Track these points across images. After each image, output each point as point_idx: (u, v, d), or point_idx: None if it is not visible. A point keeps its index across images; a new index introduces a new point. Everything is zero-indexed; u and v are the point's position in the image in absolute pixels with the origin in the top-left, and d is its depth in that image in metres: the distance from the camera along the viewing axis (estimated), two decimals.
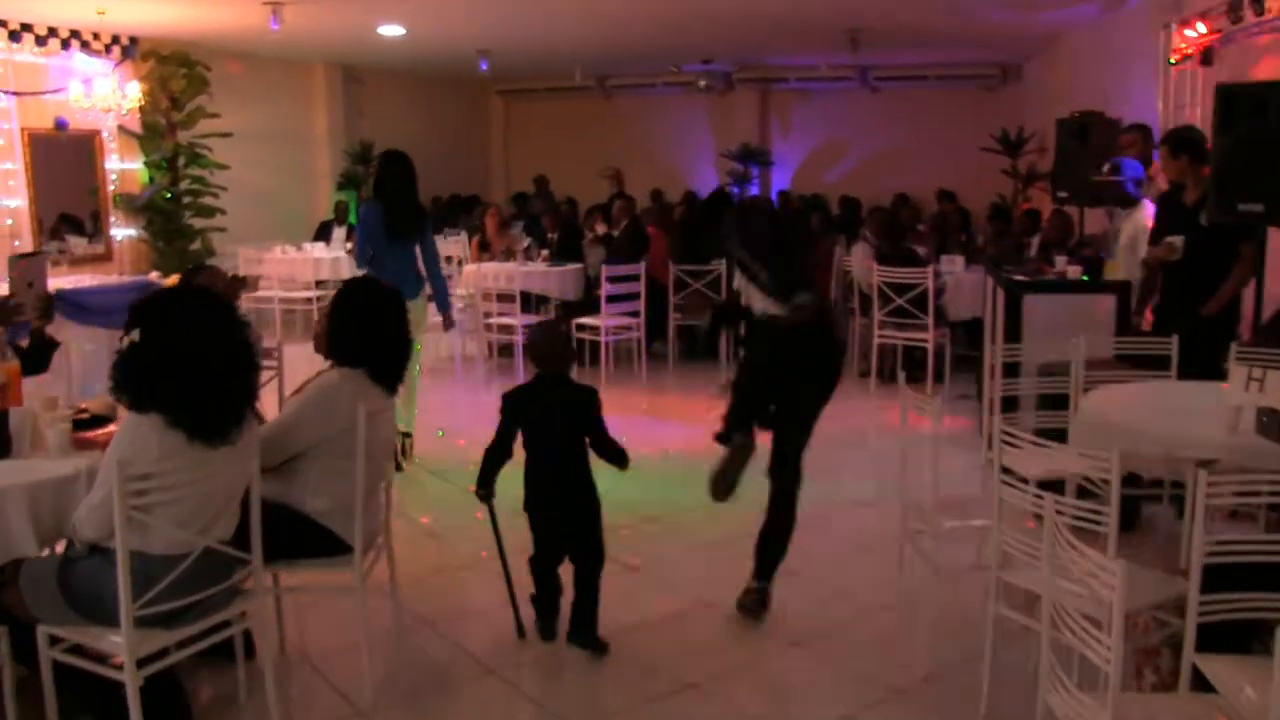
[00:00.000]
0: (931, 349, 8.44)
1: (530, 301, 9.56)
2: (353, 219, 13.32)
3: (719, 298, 9.09)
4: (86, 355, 8.67)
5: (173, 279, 9.52)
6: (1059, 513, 2.83)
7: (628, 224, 10.21)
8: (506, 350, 9.83)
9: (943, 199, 13.78)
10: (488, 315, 9.62)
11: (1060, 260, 6.25)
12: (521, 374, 8.98)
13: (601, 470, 4.18)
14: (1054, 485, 4.11)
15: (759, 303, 4.45)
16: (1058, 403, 4.83)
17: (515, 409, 4.13)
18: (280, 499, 3.65)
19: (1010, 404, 5.01)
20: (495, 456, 4.11)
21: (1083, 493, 4.69)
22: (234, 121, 12.72)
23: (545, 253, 10.30)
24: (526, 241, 10.63)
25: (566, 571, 4.21)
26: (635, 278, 9.18)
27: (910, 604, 4.33)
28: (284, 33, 11.66)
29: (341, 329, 3.77)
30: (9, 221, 10.85)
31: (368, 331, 3.74)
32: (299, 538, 3.64)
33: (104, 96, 10.40)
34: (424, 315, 6.68)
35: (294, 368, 5.16)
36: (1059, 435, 4.79)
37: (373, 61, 14.59)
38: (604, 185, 16.61)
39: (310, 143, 14.61)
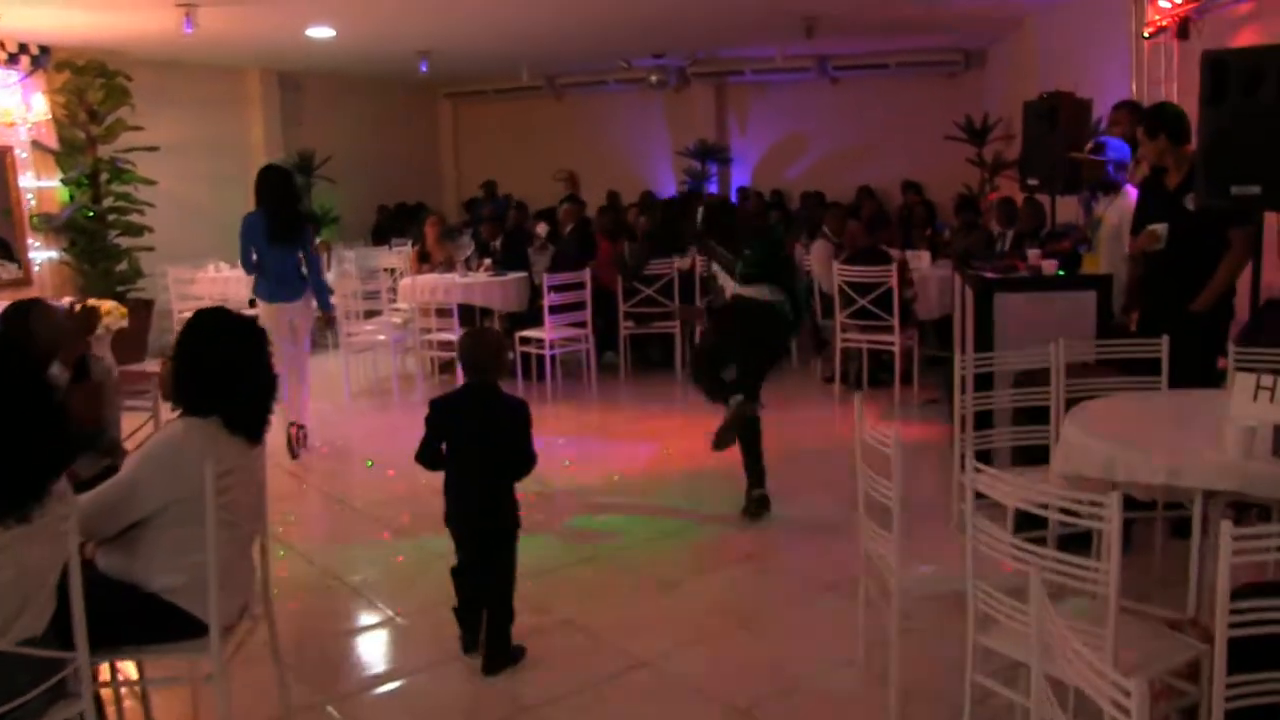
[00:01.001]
0: (899, 351, 7.91)
1: (473, 316, 8.96)
2: None
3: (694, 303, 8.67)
4: None
5: (93, 302, 8.92)
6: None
7: (574, 228, 9.63)
8: (449, 367, 9.22)
9: (908, 191, 13.30)
10: (426, 331, 9.01)
11: (1033, 254, 5.70)
12: None
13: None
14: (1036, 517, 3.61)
15: (728, 285, 5.61)
16: (1037, 416, 4.29)
17: (439, 417, 3.98)
18: (122, 575, 3.06)
19: (984, 419, 4.46)
20: (424, 465, 4.01)
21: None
22: (162, 134, 12.06)
23: (488, 262, 9.71)
24: (468, 251, 10.02)
25: None
26: (580, 285, 8.60)
27: (875, 659, 3.76)
28: (210, 37, 11.03)
29: (188, 370, 3.15)
30: None
31: (220, 371, 3.12)
32: (145, 620, 3.04)
33: (6, 110, 9.70)
34: (308, 310, 7.09)
35: None
36: (1039, 453, 4.26)
37: (309, 66, 13.92)
38: (560, 188, 16.14)
39: (245, 153, 13.89)
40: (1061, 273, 5.46)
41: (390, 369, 9.28)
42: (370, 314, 9.60)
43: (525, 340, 8.77)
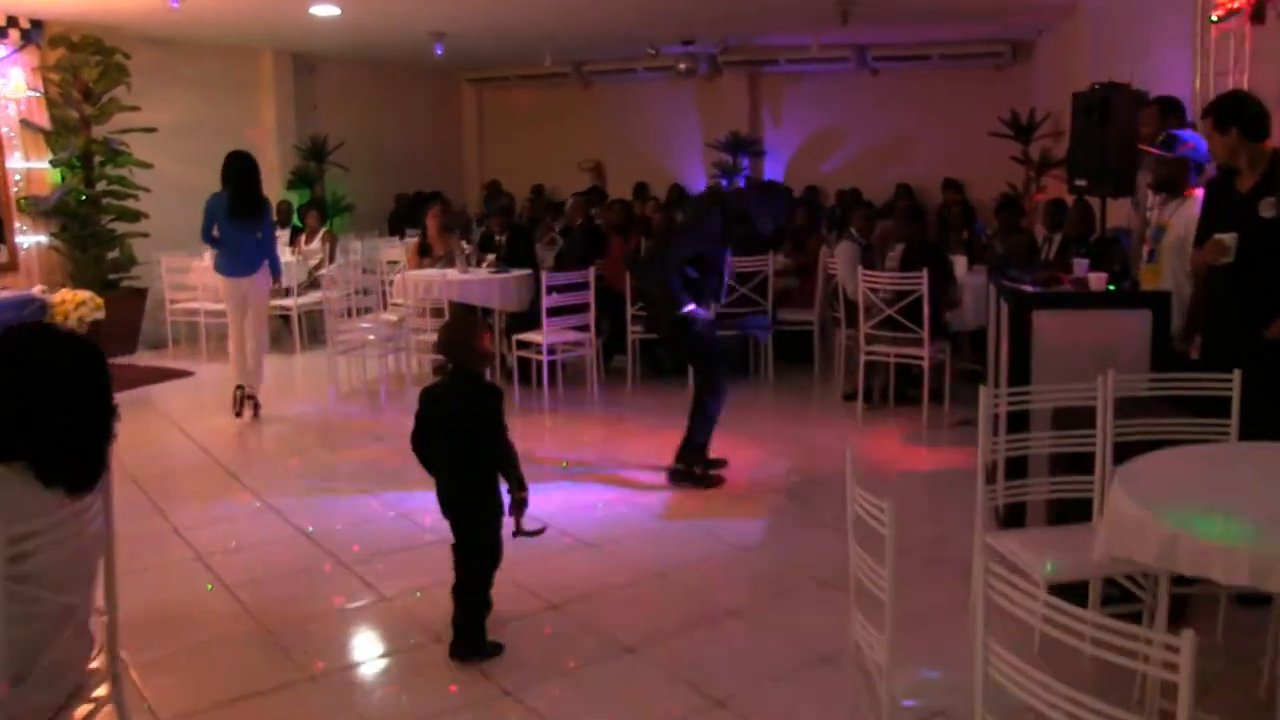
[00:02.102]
0: (928, 366, 7.15)
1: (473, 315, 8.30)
2: (296, 221, 12.12)
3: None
4: None
5: (66, 293, 8.41)
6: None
7: (581, 224, 8.95)
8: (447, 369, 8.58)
9: (947, 189, 12.51)
10: (419, 331, 8.38)
11: (1079, 264, 4.94)
12: None
13: None
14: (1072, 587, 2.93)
15: None
16: (1080, 463, 3.56)
17: (424, 404, 4.02)
18: None
19: (1018, 467, 3.73)
20: (417, 452, 4.01)
21: (1113, 595, 3.46)
22: (164, 115, 11.54)
23: (491, 258, 9.07)
24: (470, 245, 9.38)
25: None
26: (584, 285, 7.92)
27: None
28: (214, 16, 10.51)
29: None
30: None
31: (29, 405, 2.44)
32: None
33: None
34: (263, 287, 7.84)
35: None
36: (1082, 508, 3.54)
37: (324, 48, 13.36)
38: (586, 179, 15.50)
39: (256, 137, 13.36)
40: (1111, 287, 4.70)
41: (386, 370, 8.67)
42: (367, 310, 9.01)
43: (523, 344, 8.11)
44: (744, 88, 14.87)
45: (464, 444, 3.87)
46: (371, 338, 8.29)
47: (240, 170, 7.59)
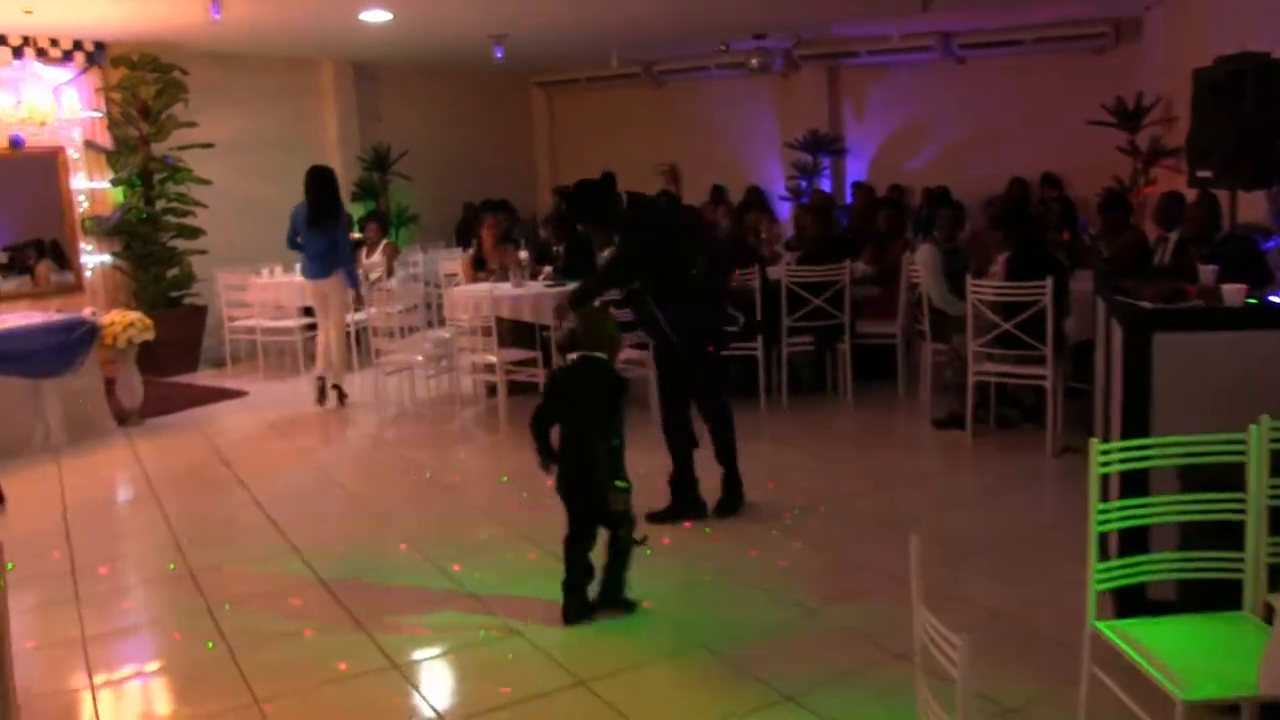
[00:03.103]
0: (1051, 387, 6.30)
1: (531, 332, 7.76)
2: (356, 233, 11.69)
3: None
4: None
5: (116, 314, 8.07)
6: None
7: None
8: (514, 389, 8.03)
9: (1044, 185, 11.63)
10: (470, 350, 7.85)
11: (1207, 272, 4.16)
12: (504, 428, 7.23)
13: None
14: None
15: None
16: (1222, 535, 2.83)
17: (550, 388, 4.36)
18: None
19: (1138, 539, 3.02)
20: (536, 430, 4.21)
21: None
22: (228, 129, 11.35)
23: (548, 270, 8.51)
24: (524, 256, 8.84)
25: None
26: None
27: None
28: (270, 28, 10.18)
29: None
30: None
31: None
32: None
33: (44, 110, 8.89)
34: (341, 289, 8.33)
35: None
36: (1226, 592, 2.82)
37: (384, 56, 12.96)
38: (660, 183, 14.89)
39: (319, 149, 12.98)
40: (1252, 301, 3.89)
41: (440, 391, 8.20)
42: (425, 326, 8.56)
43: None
44: (823, 82, 14.12)
45: (586, 427, 4.11)
46: (419, 358, 7.76)
47: (318, 182, 8.27)
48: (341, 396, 8.37)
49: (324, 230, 8.21)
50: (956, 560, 4.78)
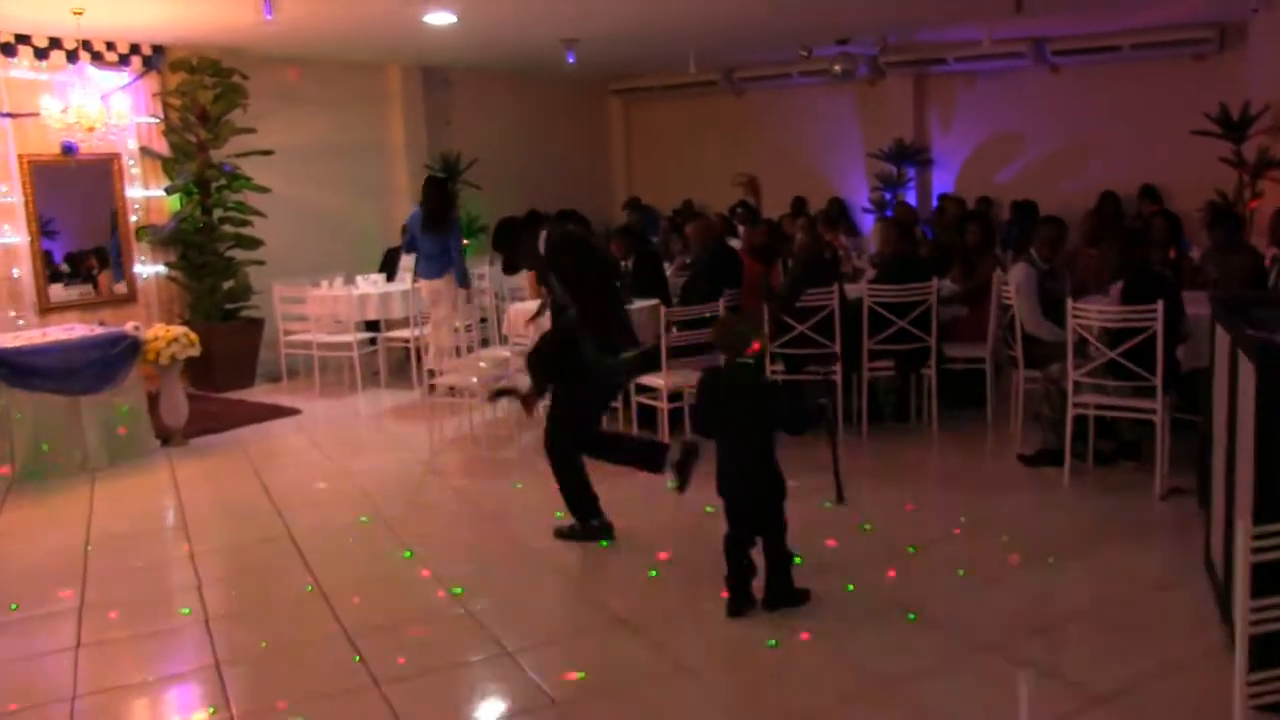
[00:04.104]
0: (1162, 421, 5.65)
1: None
2: None
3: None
4: (31, 428, 6.97)
5: (160, 329, 7.79)
6: None
7: (709, 248, 7.86)
8: None
9: (1143, 198, 10.91)
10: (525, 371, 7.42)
11: None
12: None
13: None
14: None
15: None
16: None
17: (703, 389, 4.55)
18: None
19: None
20: (700, 427, 4.56)
21: None
22: (293, 135, 11.13)
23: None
24: None
25: None
26: (713, 320, 6.81)
27: None
28: (333, 32, 9.91)
29: None
30: (16, 271, 9.36)
31: None
32: None
33: (89, 115, 8.69)
34: (452, 288, 9.16)
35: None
36: None
37: (454, 60, 12.63)
38: (738, 194, 14.40)
39: (384, 156, 12.77)
40: None
41: (499, 413, 7.77)
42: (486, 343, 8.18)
43: (641, 388, 7.07)
44: (909, 90, 13.51)
45: (741, 429, 4.33)
46: (474, 379, 7.34)
47: (433, 192, 9.30)
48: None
49: (438, 235, 9.17)
50: (1054, 626, 4.23)
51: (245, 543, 5.79)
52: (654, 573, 4.93)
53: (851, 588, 4.66)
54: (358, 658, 4.17)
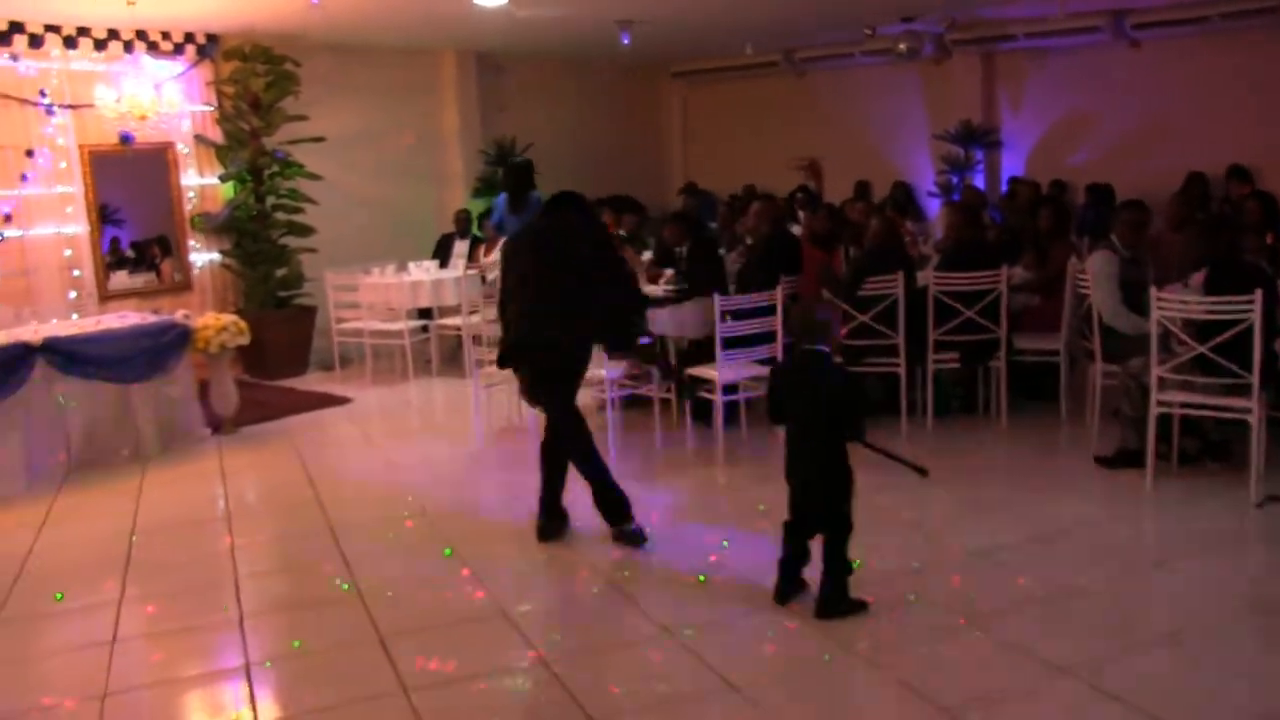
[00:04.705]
0: (1259, 420, 5.21)
1: (651, 346, 7.05)
2: (476, 231, 11.20)
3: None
4: (86, 416, 6.92)
5: (210, 317, 7.70)
6: None
7: (767, 233, 7.56)
8: (627, 404, 7.39)
9: (1233, 179, 10.35)
10: None
11: None
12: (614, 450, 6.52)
13: None
14: None
15: None
16: None
17: (775, 379, 4.52)
18: None
19: None
20: (774, 416, 4.43)
21: None
22: (343, 122, 11.04)
23: (669, 273, 7.82)
24: (647, 257, 8.17)
25: None
26: (769, 310, 6.52)
27: None
28: (383, 16, 9.77)
29: None
30: (67, 252, 9.35)
31: None
32: None
33: (142, 104, 8.61)
34: None
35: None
36: None
37: (507, 45, 12.41)
38: (799, 178, 14.05)
39: (437, 142, 12.62)
40: None
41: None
42: None
43: (697, 382, 6.80)
44: (976, 69, 13.02)
45: (812, 421, 4.21)
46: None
47: (515, 174, 9.79)
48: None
49: (522, 216, 9.33)
50: (1138, 649, 3.88)
51: (287, 536, 5.67)
52: (702, 579, 4.67)
53: (913, 598, 4.35)
54: (388, 663, 3.97)
